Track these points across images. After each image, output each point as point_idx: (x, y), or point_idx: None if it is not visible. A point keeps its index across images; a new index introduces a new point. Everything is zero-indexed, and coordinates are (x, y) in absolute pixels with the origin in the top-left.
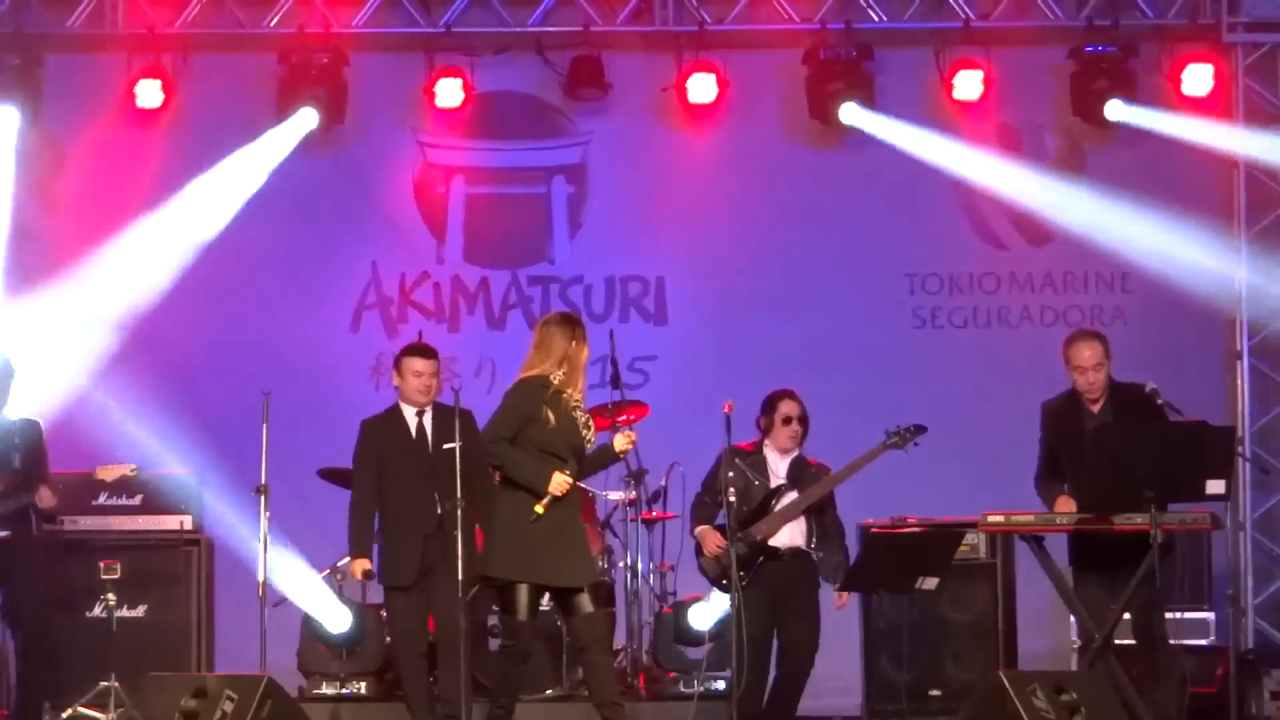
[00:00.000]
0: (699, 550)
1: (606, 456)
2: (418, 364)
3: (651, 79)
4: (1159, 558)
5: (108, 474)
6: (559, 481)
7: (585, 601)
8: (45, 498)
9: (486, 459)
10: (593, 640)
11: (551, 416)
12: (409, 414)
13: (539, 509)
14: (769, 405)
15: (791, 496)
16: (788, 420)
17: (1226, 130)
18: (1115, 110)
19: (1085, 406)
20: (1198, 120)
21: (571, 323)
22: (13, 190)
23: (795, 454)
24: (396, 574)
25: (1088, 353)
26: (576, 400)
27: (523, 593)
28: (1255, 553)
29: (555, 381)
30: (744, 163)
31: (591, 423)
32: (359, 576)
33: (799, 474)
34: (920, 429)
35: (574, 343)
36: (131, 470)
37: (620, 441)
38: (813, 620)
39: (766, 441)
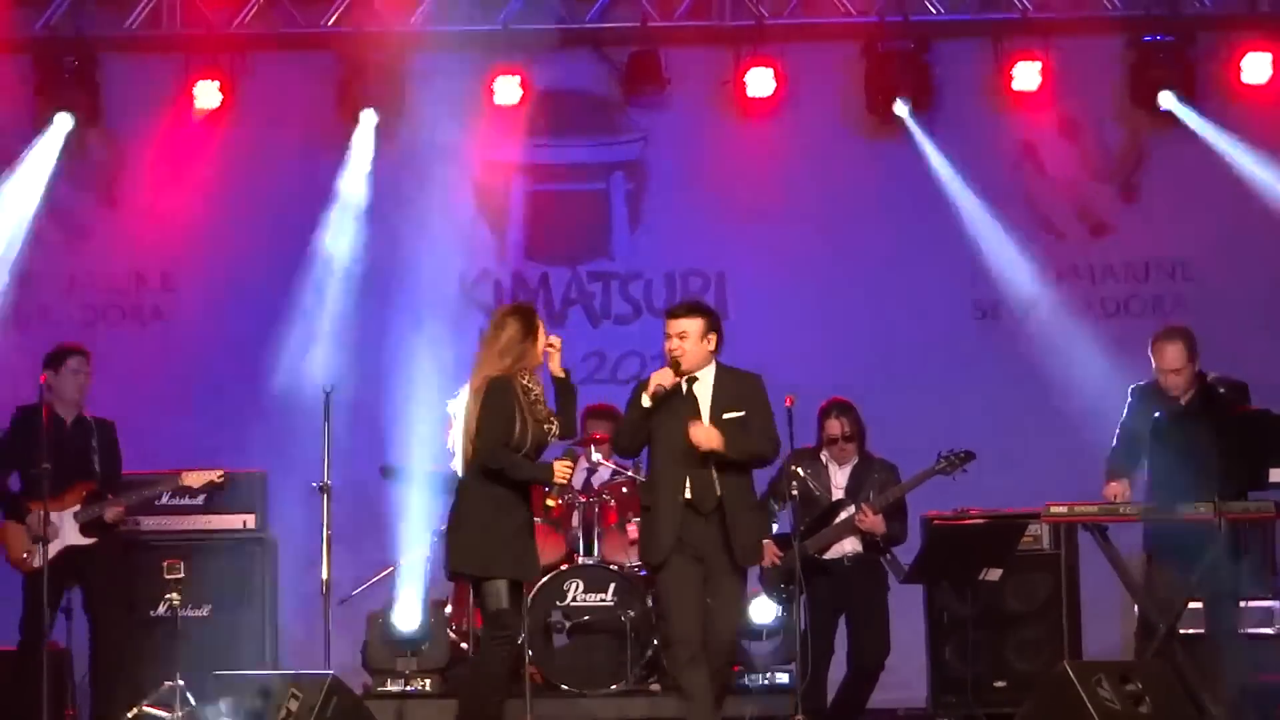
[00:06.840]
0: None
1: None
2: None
3: (709, 74)
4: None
5: (194, 480)
6: (562, 470)
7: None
8: (113, 514)
9: (488, 463)
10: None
11: (523, 415)
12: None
13: (551, 503)
14: (818, 420)
15: (850, 511)
16: (833, 440)
17: None
18: (1167, 102)
19: (1172, 397)
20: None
21: (521, 313)
22: (54, 189)
23: (856, 460)
24: (653, 550)
25: (1170, 355)
26: (538, 394)
27: (502, 585)
28: None
29: (522, 379)
30: (803, 156)
31: (552, 417)
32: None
33: (861, 481)
34: (969, 455)
35: (529, 336)
36: (219, 477)
37: (560, 470)
38: (881, 624)
39: (824, 450)
